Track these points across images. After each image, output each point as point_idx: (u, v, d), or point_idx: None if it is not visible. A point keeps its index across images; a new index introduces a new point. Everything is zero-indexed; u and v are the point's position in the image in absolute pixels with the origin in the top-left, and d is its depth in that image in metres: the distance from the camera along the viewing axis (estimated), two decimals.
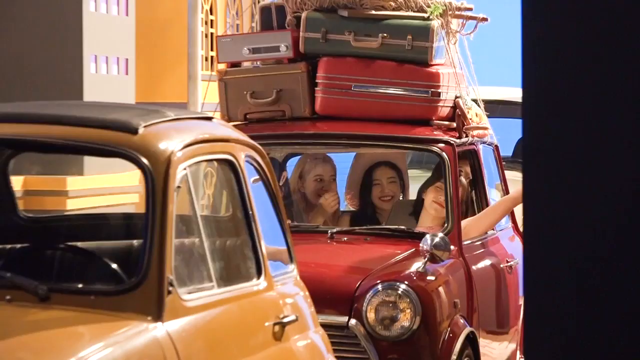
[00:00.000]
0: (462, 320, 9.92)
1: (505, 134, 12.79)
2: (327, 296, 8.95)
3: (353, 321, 9.41)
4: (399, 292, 9.48)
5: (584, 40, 4.74)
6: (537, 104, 4.77)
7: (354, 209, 11.12)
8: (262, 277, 7.34)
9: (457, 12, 11.08)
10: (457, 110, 10.91)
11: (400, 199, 11.10)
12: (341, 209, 11.11)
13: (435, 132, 10.78)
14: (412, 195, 11.43)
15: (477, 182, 11.07)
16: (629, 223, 4.66)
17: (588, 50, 4.73)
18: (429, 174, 11.06)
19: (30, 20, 12.36)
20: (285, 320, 7.36)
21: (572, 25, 4.75)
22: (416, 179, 11.34)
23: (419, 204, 10.81)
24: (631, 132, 4.71)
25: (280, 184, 10.54)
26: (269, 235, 7.51)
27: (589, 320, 4.75)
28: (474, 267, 10.36)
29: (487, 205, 11.13)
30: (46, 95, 11.63)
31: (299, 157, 11.23)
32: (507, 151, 12.59)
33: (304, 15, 10.85)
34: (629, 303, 4.70)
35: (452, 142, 10.66)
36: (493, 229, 11.15)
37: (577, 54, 4.73)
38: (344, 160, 11.50)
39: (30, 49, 12.37)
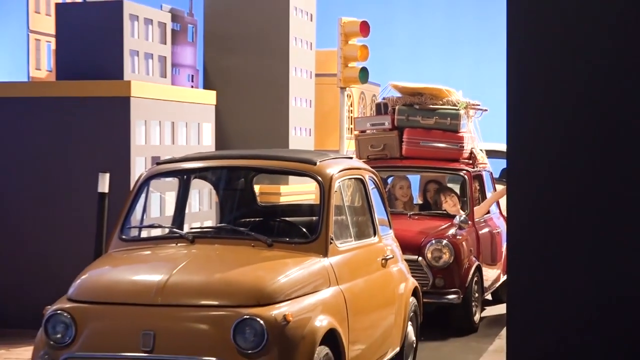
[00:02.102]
0: (474, 258, 9.85)
1: (496, 166, 12.67)
2: (407, 245, 8.88)
3: (420, 258, 9.38)
4: (443, 243, 9.44)
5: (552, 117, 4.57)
6: (516, 152, 4.64)
7: (421, 202, 11.10)
8: (376, 235, 7.27)
9: (472, 106, 11.04)
10: (472, 154, 10.87)
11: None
12: (415, 203, 11.09)
13: (461, 165, 10.73)
14: None
15: (481, 190, 11.00)
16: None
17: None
18: (458, 186, 11.02)
19: (261, 109, 12.40)
20: (387, 257, 7.30)
21: (542, 108, 4.57)
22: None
23: (437, 203, 10.76)
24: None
25: (386, 189, 10.58)
26: (379, 214, 7.50)
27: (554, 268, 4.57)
28: (480, 232, 10.29)
29: None
30: (269, 147, 11.71)
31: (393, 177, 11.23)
32: (496, 174, 12.49)
33: (397, 108, 10.85)
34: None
35: (469, 170, 10.62)
36: (489, 212, 11.06)
37: (543, 124, 4.57)
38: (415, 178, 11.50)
39: (260, 127, 12.32)
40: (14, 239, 8.61)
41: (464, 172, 10.56)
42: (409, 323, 7.54)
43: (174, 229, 6.69)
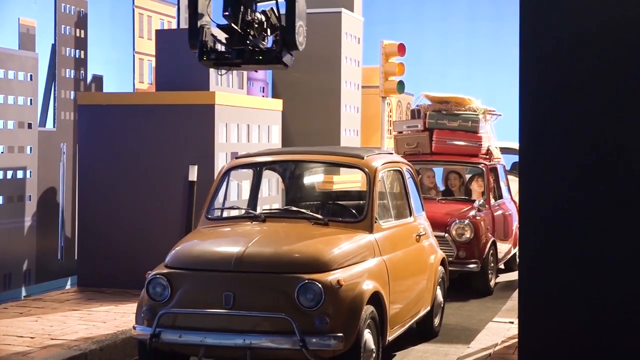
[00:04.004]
0: (490, 235, 9.70)
1: (507, 160, 12.50)
2: (436, 224, 8.78)
3: (446, 234, 9.26)
4: (465, 223, 9.31)
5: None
6: (526, 149, 4.59)
7: (444, 189, 10.96)
8: (411, 216, 7.16)
9: (488, 112, 10.87)
10: (489, 151, 10.71)
11: (462, 186, 10.88)
12: (441, 189, 10.94)
13: (480, 160, 10.57)
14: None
15: (496, 179, 10.83)
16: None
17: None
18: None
19: (318, 114, 12.30)
20: (420, 234, 7.18)
21: (551, 114, 4.53)
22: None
23: (469, 188, 10.60)
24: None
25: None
26: (414, 199, 7.39)
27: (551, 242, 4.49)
28: (495, 214, 10.13)
29: (501, 189, 10.88)
30: (325, 145, 11.60)
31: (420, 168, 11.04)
32: (507, 167, 12.33)
33: (427, 113, 10.72)
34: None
35: (486, 163, 10.46)
36: (501, 198, 10.89)
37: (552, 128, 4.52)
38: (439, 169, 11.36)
39: (317, 128, 12.22)
40: (123, 218, 8.65)
41: (482, 165, 10.42)
42: (438, 287, 7.43)
43: (249, 210, 6.64)
